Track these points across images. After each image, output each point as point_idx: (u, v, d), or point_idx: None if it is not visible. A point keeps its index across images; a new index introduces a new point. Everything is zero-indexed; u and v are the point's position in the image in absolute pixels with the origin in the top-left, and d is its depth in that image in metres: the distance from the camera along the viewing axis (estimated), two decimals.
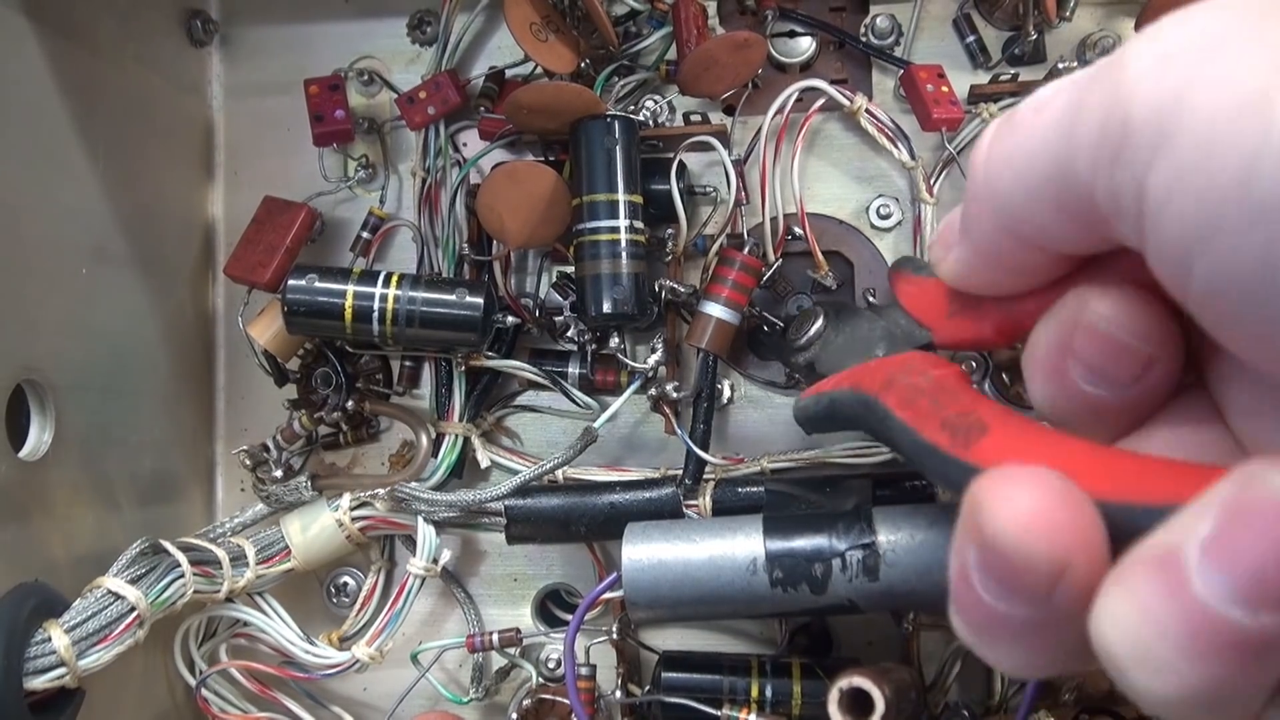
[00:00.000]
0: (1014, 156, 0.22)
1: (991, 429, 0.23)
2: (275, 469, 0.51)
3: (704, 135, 0.48)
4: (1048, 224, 0.22)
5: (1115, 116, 0.19)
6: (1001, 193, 0.23)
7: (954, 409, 0.25)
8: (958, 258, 0.26)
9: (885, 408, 0.27)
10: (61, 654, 0.37)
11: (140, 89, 0.50)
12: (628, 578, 0.40)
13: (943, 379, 0.27)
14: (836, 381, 0.32)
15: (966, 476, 0.22)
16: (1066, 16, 0.49)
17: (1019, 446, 0.23)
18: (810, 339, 0.37)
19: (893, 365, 0.29)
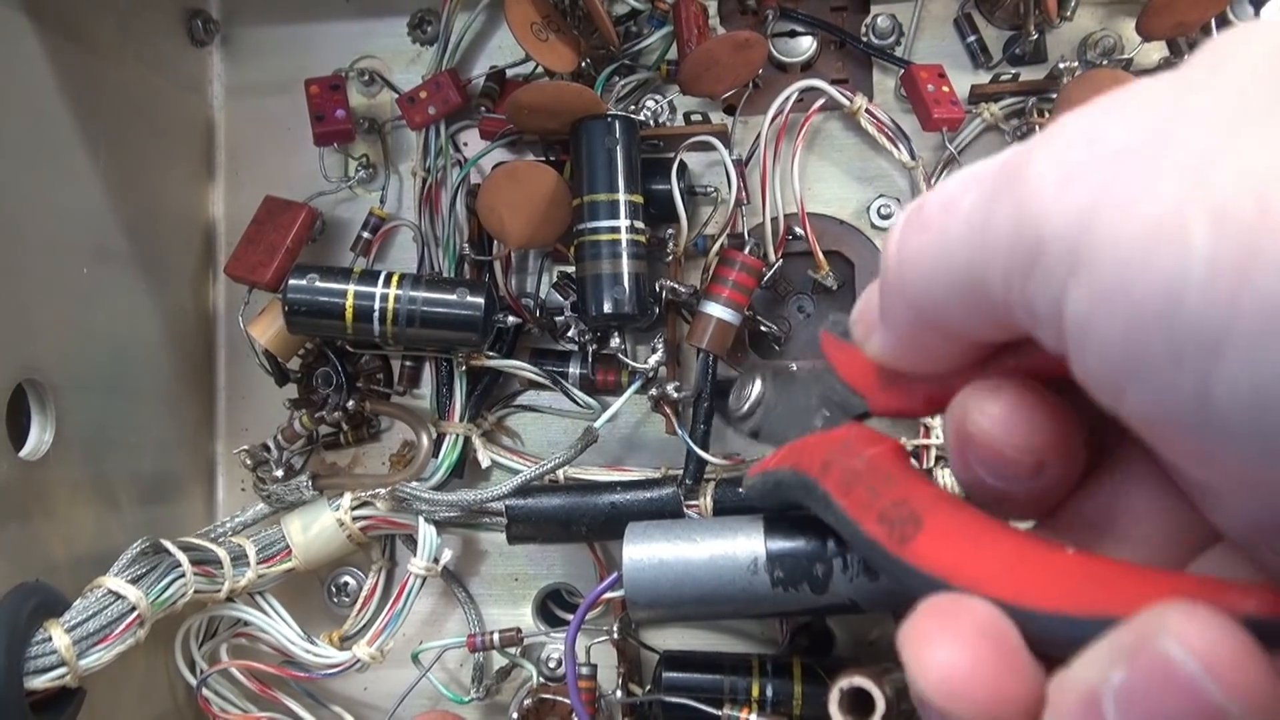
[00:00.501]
0: (923, 255, 0.21)
1: (925, 523, 0.24)
2: (276, 469, 0.51)
3: (705, 135, 0.48)
4: (964, 323, 0.21)
5: (1025, 234, 0.18)
6: (913, 288, 0.22)
7: (889, 497, 0.25)
8: (878, 341, 0.25)
9: (825, 492, 0.28)
10: (62, 654, 0.37)
11: (141, 89, 0.50)
12: (628, 577, 0.40)
13: (877, 460, 0.27)
14: (779, 459, 0.33)
15: (906, 576, 0.23)
16: (1067, 16, 0.49)
17: (951, 546, 0.23)
18: (752, 406, 0.38)
19: (831, 443, 0.30)
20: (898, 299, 0.23)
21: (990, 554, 0.22)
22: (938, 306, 0.22)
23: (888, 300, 0.24)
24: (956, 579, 0.22)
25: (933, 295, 0.21)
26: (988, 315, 0.20)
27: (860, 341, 0.26)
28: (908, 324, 0.23)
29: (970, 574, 0.22)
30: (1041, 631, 0.20)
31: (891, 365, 0.26)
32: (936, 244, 0.21)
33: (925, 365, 0.25)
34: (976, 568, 0.22)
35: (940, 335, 0.23)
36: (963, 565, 0.22)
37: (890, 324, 0.24)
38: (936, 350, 0.24)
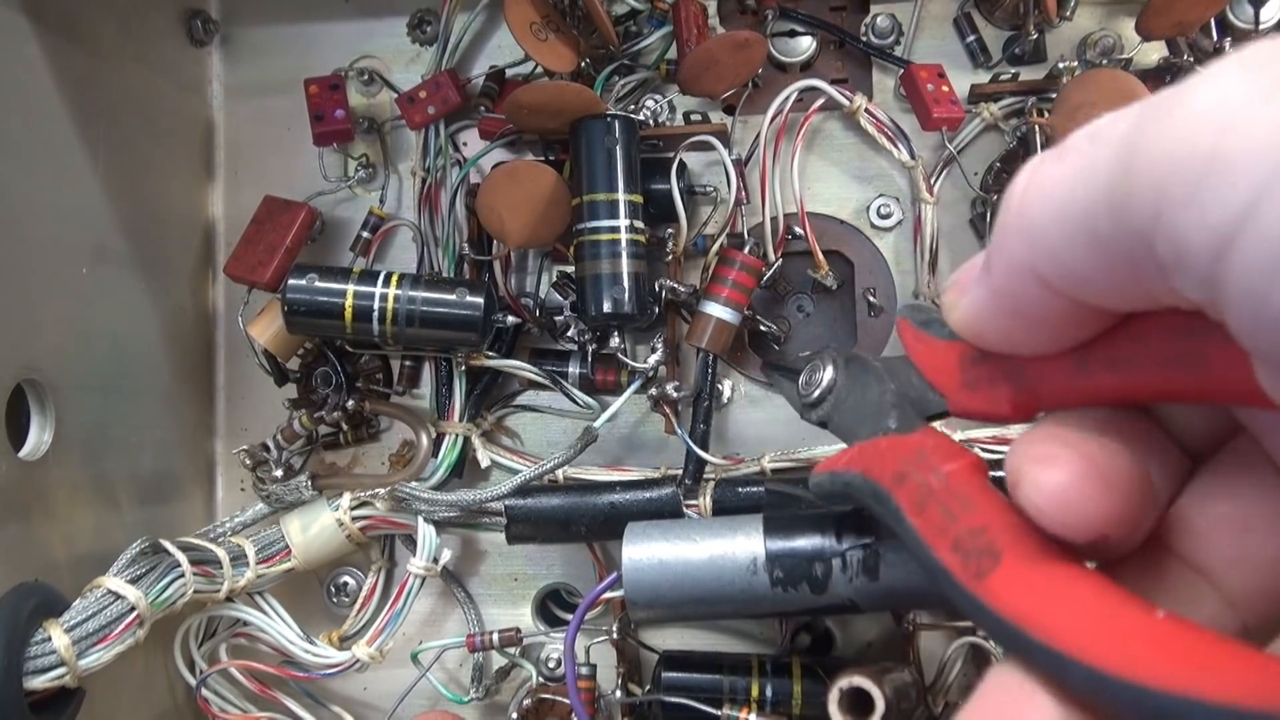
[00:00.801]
0: (1058, 188, 0.19)
1: (1003, 559, 0.22)
2: (275, 468, 0.51)
3: (704, 135, 0.48)
4: (1084, 268, 0.20)
5: (1197, 152, 0.16)
6: (1036, 228, 0.20)
7: (965, 522, 0.24)
8: (974, 300, 0.23)
9: (898, 507, 0.26)
10: (61, 654, 0.37)
11: (140, 89, 0.50)
12: (628, 577, 0.40)
13: (955, 478, 0.25)
14: (849, 460, 0.31)
15: (979, 614, 0.22)
16: (1067, 16, 0.49)
17: (1031, 590, 0.21)
18: (823, 393, 0.36)
19: (906, 451, 0.28)
20: (1013, 240, 0.21)
21: (1072, 605, 0.20)
22: (1061, 246, 0.20)
23: (999, 243, 0.21)
24: (1035, 629, 0.20)
25: (1060, 231, 0.20)
26: (1116, 255, 0.19)
27: (949, 307, 0.24)
28: (1016, 270, 0.21)
29: (1049, 626, 0.20)
30: (1119, 700, 0.18)
31: (976, 335, 0.24)
32: (1077, 171, 0.19)
33: (1016, 335, 0.23)
34: (1056, 620, 0.20)
35: (1047, 291, 0.21)
36: (1042, 614, 0.20)
37: (994, 274, 0.22)
38: (1037, 311, 0.22)
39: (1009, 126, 0.50)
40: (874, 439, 0.31)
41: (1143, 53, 0.50)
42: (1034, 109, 0.49)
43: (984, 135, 0.51)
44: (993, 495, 0.24)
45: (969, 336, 0.24)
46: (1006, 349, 0.24)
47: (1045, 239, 0.20)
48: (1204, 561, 0.23)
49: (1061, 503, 0.21)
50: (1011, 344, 0.23)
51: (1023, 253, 0.21)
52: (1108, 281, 0.19)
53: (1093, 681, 0.19)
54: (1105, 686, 0.18)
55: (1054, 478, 0.21)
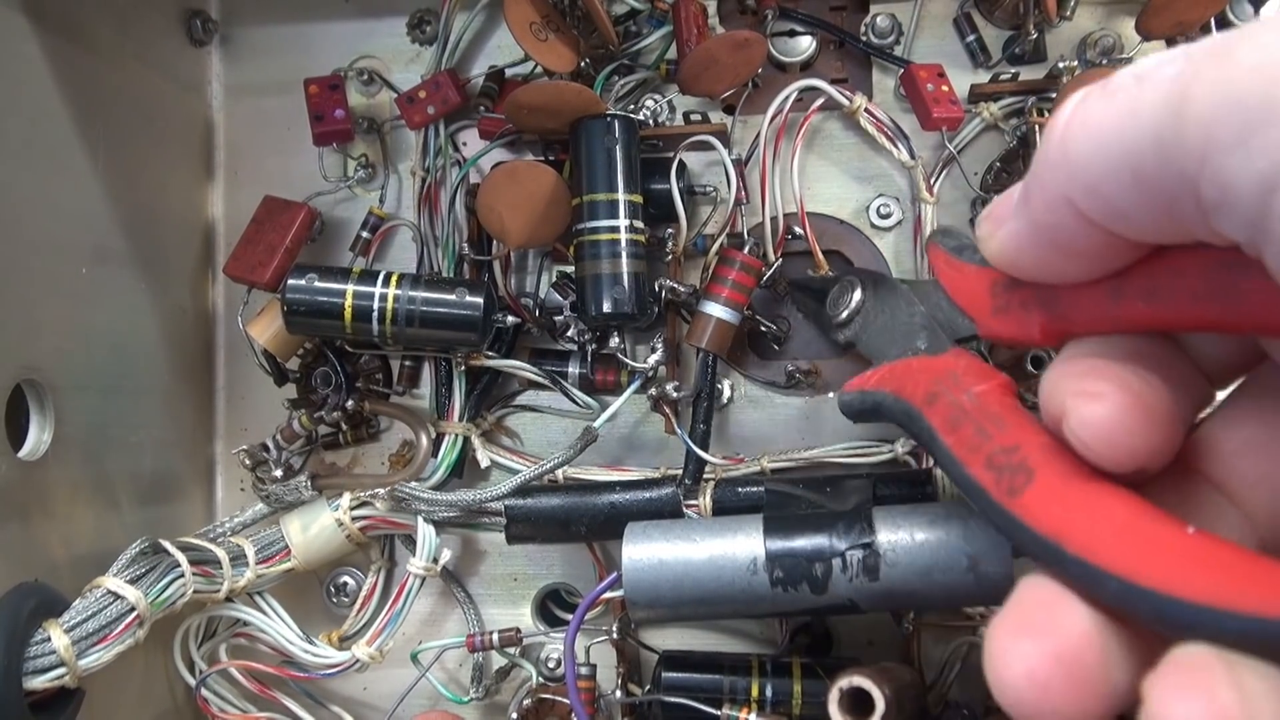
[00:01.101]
0: (1103, 125, 0.20)
1: (1037, 476, 0.23)
2: (275, 469, 0.51)
3: (704, 135, 0.48)
4: (1123, 203, 0.20)
5: (1249, 99, 0.17)
6: (1078, 162, 0.21)
7: (999, 440, 0.24)
8: (1011, 231, 0.24)
9: (930, 426, 0.27)
10: (61, 654, 0.37)
11: (140, 89, 0.50)
12: (628, 577, 0.40)
13: (986, 398, 0.26)
14: (879, 380, 0.31)
15: (1014, 529, 0.22)
16: (1067, 15, 0.49)
17: (1064, 505, 0.22)
18: (851, 313, 0.36)
19: (936, 371, 0.28)
20: (1054, 173, 0.21)
21: (1106, 521, 0.21)
22: (1101, 180, 0.20)
23: (1039, 176, 0.22)
24: (1069, 543, 0.21)
25: (1097, 168, 0.20)
26: (1158, 194, 0.19)
27: (985, 237, 0.25)
28: (1056, 203, 0.22)
29: (1083, 541, 0.21)
30: (1153, 611, 0.19)
31: (1011, 265, 0.24)
32: (1123, 110, 0.20)
33: (1053, 264, 0.23)
34: (1090, 535, 0.21)
35: (1086, 224, 0.21)
36: (1076, 529, 0.21)
37: (1033, 207, 0.23)
38: (1075, 243, 0.22)
39: (1009, 126, 0.50)
40: (904, 359, 0.31)
41: (1143, 53, 0.50)
42: (1034, 109, 0.49)
43: (984, 135, 0.51)
44: (1024, 415, 0.25)
45: (1004, 266, 0.25)
46: (1042, 278, 0.24)
47: (1087, 174, 0.20)
48: (1227, 481, 0.24)
49: (1108, 436, 0.21)
50: (1047, 273, 0.24)
51: (1063, 185, 0.21)
52: (1148, 218, 0.20)
53: (1126, 593, 0.19)
54: (1139, 597, 0.19)
55: (1100, 411, 0.21)
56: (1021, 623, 0.21)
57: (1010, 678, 0.20)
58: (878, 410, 0.31)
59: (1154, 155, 0.19)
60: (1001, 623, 0.21)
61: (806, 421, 0.51)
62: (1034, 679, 0.20)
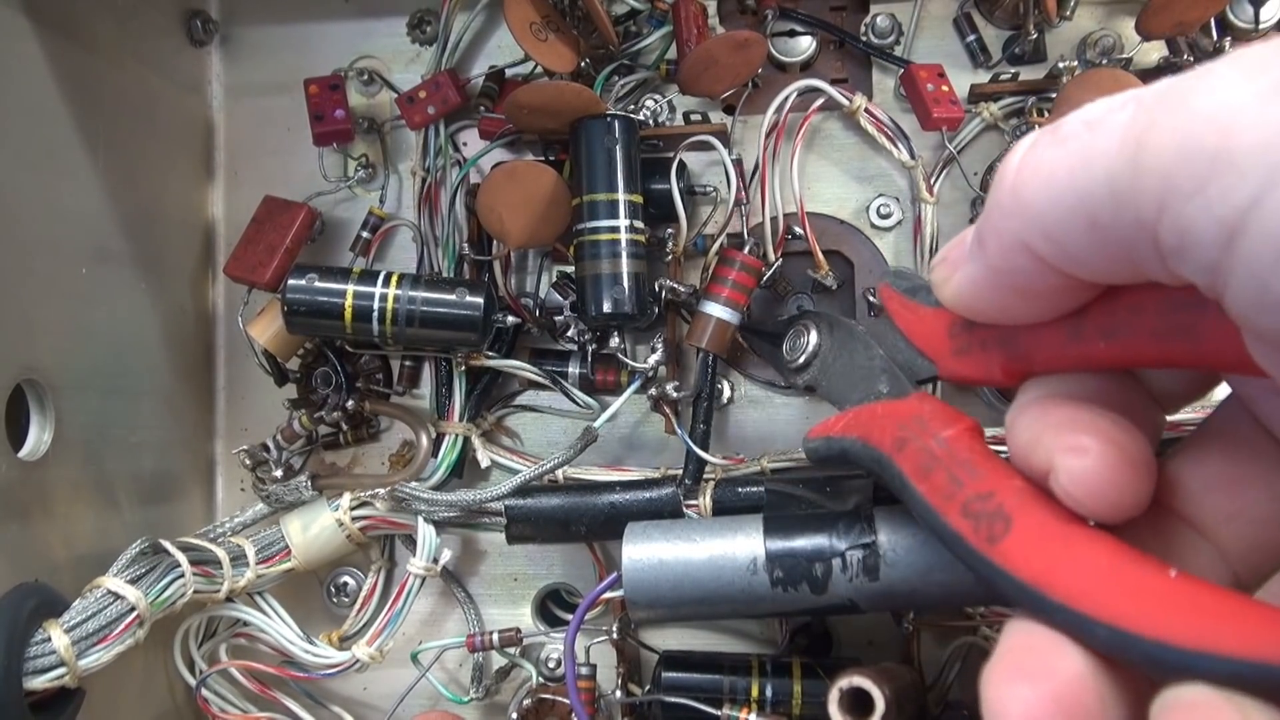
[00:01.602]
0: (1055, 171, 0.20)
1: (1015, 523, 0.23)
2: (275, 469, 0.51)
3: (704, 135, 0.48)
4: (1079, 249, 0.20)
5: (1204, 148, 0.17)
6: (1033, 208, 0.21)
7: (972, 487, 0.24)
8: (966, 276, 0.24)
9: (901, 473, 0.27)
10: (61, 654, 0.37)
11: (140, 89, 0.50)
12: (628, 577, 0.40)
13: (956, 443, 0.26)
14: (844, 426, 0.31)
15: (994, 576, 0.22)
16: (1067, 15, 0.49)
17: (1044, 551, 0.22)
18: (808, 358, 0.36)
19: (902, 416, 0.28)
20: (1008, 219, 0.22)
21: (1089, 567, 0.21)
22: (1054, 226, 0.20)
23: (993, 221, 0.22)
24: (1052, 589, 0.21)
25: (1057, 212, 0.20)
26: (1113, 239, 0.20)
27: (940, 283, 0.25)
28: (1010, 248, 0.22)
29: (1068, 588, 0.21)
30: (1144, 657, 0.19)
31: (969, 309, 0.25)
32: (1075, 157, 0.20)
33: (1011, 307, 0.24)
34: (1075, 582, 0.21)
35: (1041, 267, 0.22)
36: (1059, 576, 0.21)
37: (988, 251, 0.23)
38: (1031, 286, 0.22)
39: (1009, 126, 0.50)
40: (868, 405, 0.31)
41: (1143, 53, 0.50)
42: (1034, 109, 0.49)
43: (984, 135, 0.51)
44: (994, 460, 0.25)
45: (962, 310, 0.25)
46: (1001, 321, 0.25)
47: (1041, 220, 0.21)
48: (1198, 517, 0.24)
49: (1097, 490, 0.21)
50: (1006, 316, 0.24)
51: (1018, 230, 0.21)
52: (1104, 262, 0.20)
53: (1116, 639, 0.19)
54: (1129, 644, 0.19)
55: (1087, 466, 0.21)
56: (1015, 668, 0.21)
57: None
58: (844, 456, 0.31)
59: (1109, 202, 0.19)
60: (995, 669, 0.21)
61: (806, 421, 0.51)
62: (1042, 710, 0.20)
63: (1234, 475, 0.24)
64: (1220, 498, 0.24)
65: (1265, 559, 0.23)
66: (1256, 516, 0.23)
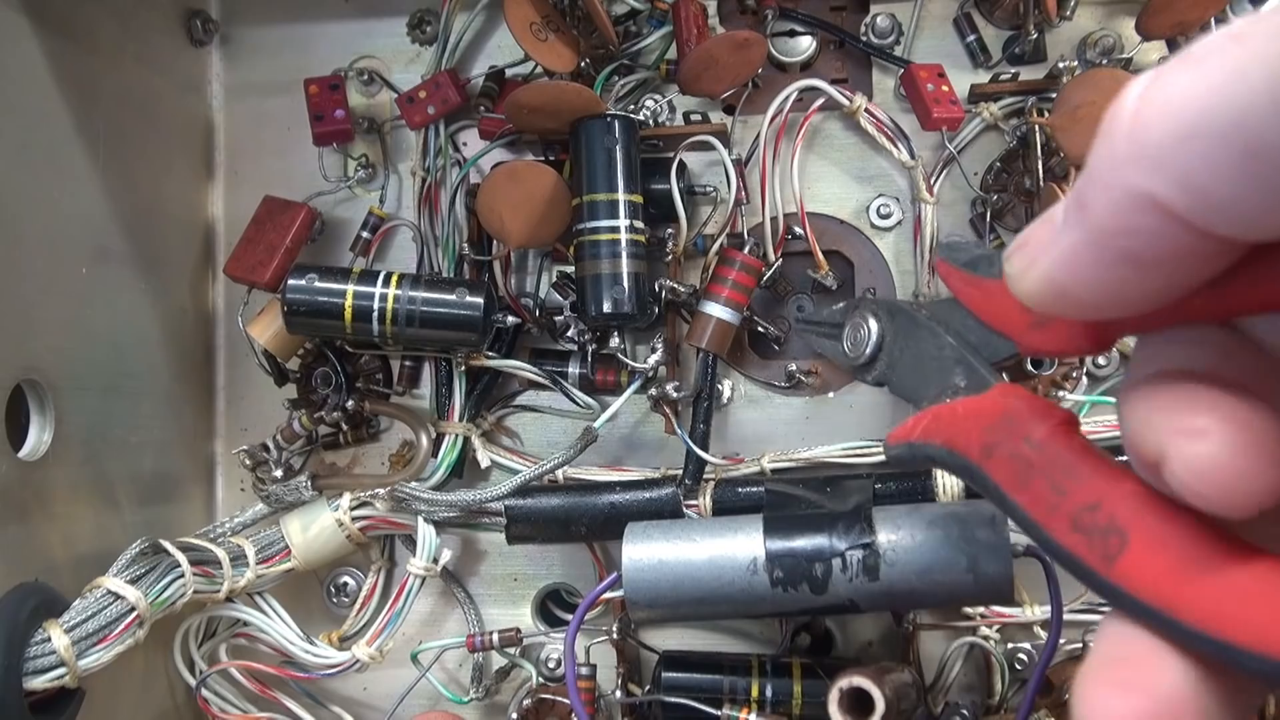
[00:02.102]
0: (1193, 98, 0.16)
1: (1131, 538, 0.20)
2: (275, 469, 0.51)
3: (704, 135, 0.48)
4: (1227, 190, 0.17)
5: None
6: (1161, 148, 0.17)
7: (1079, 498, 0.21)
8: (1059, 254, 0.20)
9: (995, 484, 0.24)
10: (61, 654, 0.37)
11: (140, 89, 0.50)
12: (628, 577, 0.40)
13: (1050, 443, 0.23)
14: (925, 430, 0.28)
15: (1118, 600, 0.20)
16: (1067, 15, 0.49)
17: (1169, 570, 0.19)
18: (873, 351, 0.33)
19: (987, 416, 0.25)
20: (1125, 168, 0.18)
21: (1219, 583, 0.19)
22: (1198, 166, 0.17)
23: (1101, 176, 0.18)
24: (1182, 613, 0.19)
25: (1195, 148, 0.17)
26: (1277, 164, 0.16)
27: (1018, 275, 0.21)
28: (1124, 208, 0.18)
29: (1197, 608, 0.19)
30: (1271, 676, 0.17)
31: (1064, 296, 0.20)
32: (1221, 73, 0.16)
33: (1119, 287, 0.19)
34: (1204, 601, 0.18)
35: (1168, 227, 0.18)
36: (1186, 596, 0.19)
37: (1093, 213, 0.19)
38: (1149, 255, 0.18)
39: (1009, 126, 0.50)
40: (946, 403, 0.28)
41: (1143, 53, 0.50)
42: (1034, 109, 0.49)
43: (984, 135, 0.51)
44: (1098, 459, 0.22)
45: (1052, 303, 0.21)
46: (1108, 309, 0.20)
47: (1174, 161, 0.17)
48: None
49: (1218, 480, 0.18)
50: (1114, 300, 0.20)
51: (1139, 180, 0.17)
52: (1261, 201, 0.17)
53: (1272, 670, 0.17)
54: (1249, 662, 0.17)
55: (1205, 452, 0.18)
56: (1115, 677, 0.19)
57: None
58: (931, 463, 0.28)
59: (1273, 112, 0.16)
60: (1092, 677, 0.19)
61: (806, 421, 0.51)
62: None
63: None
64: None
65: None
66: None
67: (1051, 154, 0.48)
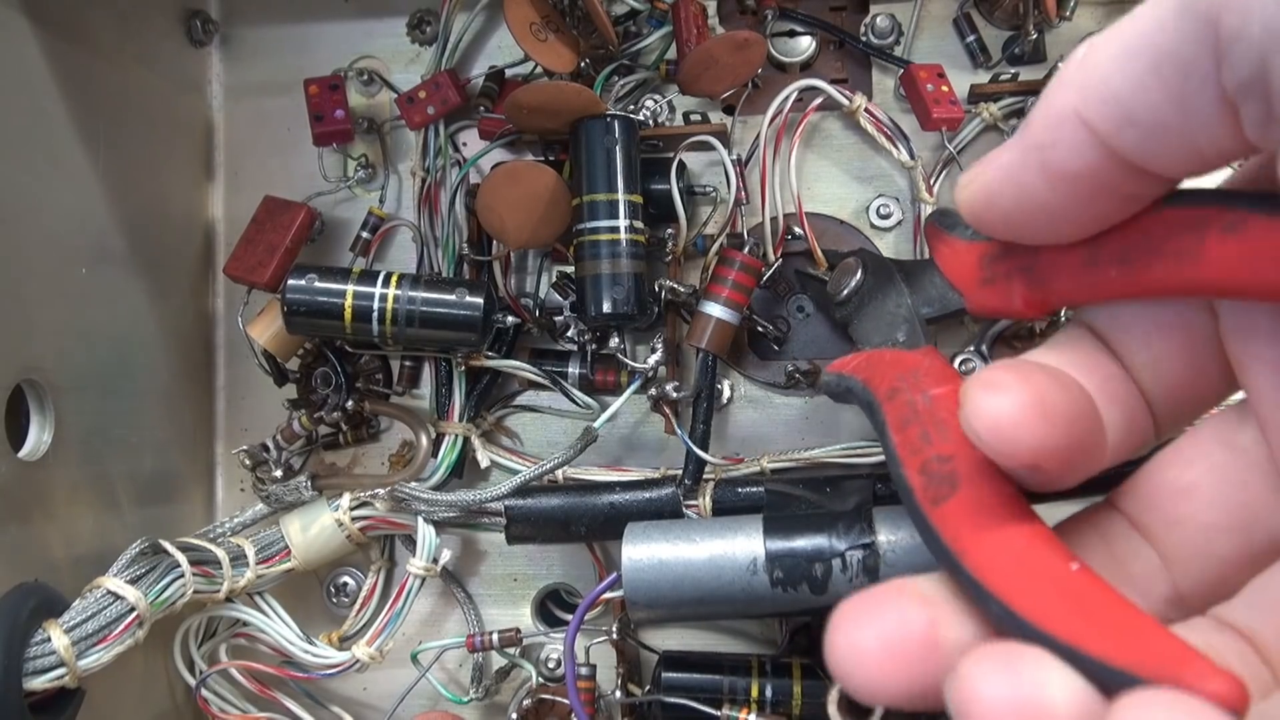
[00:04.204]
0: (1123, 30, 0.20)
1: (960, 490, 0.24)
2: (275, 469, 0.51)
3: (704, 135, 0.48)
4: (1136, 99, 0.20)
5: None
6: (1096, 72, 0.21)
7: (938, 448, 0.25)
8: (995, 165, 0.23)
9: (884, 421, 0.28)
10: (61, 654, 0.37)
11: (140, 89, 0.50)
12: (628, 578, 0.40)
13: (939, 402, 0.27)
14: (855, 366, 0.32)
15: (928, 535, 0.24)
16: (1067, 16, 0.49)
17: (974, 523, 0.23)
18: (848, 295, 0.37)
19: (903, 366, 0.29)
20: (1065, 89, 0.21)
21: (1003, 544, 0.22)
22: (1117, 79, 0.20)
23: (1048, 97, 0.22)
24: (966, 559, 0.22)
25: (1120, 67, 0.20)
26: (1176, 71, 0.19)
27: (964, 183, 0.24)
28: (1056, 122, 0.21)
29: (977, 560, 0.22)
30: (1021, 636, 0.21)
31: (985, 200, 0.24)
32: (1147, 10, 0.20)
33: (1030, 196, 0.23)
34: (984, 556, 0.22)
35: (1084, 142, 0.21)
36: (976, 548, 0.22)
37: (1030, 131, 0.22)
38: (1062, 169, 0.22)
39: (1009, 126, 0.50)
40: (881, 349, 0.32)
41: None
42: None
43: (984, 135, 0.51)
44: None
45: (981, 209, 0.24)
46: (1018, 224, 0.24)
47: (1102, 79, 0.20)
48: (1143, 519, 0.24)
49: (996, 428, 0.21)
50: (1024, 215, 0.23)
51: (1073, 99, 0.21)
52: (1161, 110, 0.20)
53: (1006, 618, 0.21)
54: (1016, 625, 0.21)
55: (993, 403, 0.21)
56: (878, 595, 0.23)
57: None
58: (848, 394, 0.32)
59: (1176, 12, 0.19)
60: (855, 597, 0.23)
61: (806, 421, 0.51)
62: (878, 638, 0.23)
63: (1186, 482, 0.24)
64: (1167, 502, 0.24)
65: (1207, 570, 0.23)
66: (1201, 525, 0.23)
67: None
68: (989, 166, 0.23)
